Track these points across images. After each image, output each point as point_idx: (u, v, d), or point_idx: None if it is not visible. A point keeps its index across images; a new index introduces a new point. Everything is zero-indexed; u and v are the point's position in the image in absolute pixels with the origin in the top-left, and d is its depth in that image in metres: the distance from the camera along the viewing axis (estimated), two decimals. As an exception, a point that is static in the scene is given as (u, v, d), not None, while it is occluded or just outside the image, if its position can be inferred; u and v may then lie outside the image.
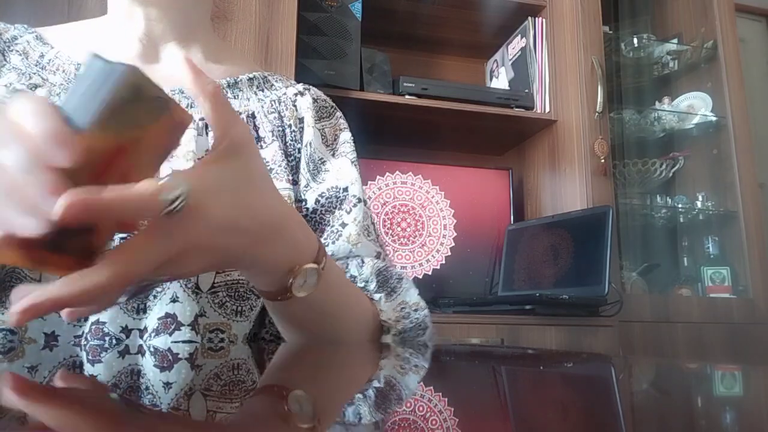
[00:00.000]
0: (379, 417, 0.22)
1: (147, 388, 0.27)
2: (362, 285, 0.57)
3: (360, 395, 0.26)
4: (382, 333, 0.55)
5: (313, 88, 0.71)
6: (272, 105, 0.65)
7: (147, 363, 0.37)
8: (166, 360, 0.39)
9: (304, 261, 0.43)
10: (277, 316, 0.51)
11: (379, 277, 0.58)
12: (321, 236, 0.60)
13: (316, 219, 0.61)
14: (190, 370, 0.35)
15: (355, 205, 0.61)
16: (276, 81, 0.69)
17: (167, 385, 0.29)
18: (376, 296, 0.56)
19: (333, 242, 0.59)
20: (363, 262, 0.58)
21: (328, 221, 0.61)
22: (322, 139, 0.66)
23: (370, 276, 0.57)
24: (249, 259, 0.40)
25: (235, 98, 0.64)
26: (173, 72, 0.62)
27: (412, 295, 0.59)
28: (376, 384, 0.30)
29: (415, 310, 0.58)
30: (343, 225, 0.60)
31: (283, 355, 0.47)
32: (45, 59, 0.59)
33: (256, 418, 0.22)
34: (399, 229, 1.72)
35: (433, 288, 1.69)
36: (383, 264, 0.60)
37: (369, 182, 1.72)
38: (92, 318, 0.49)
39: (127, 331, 0.51)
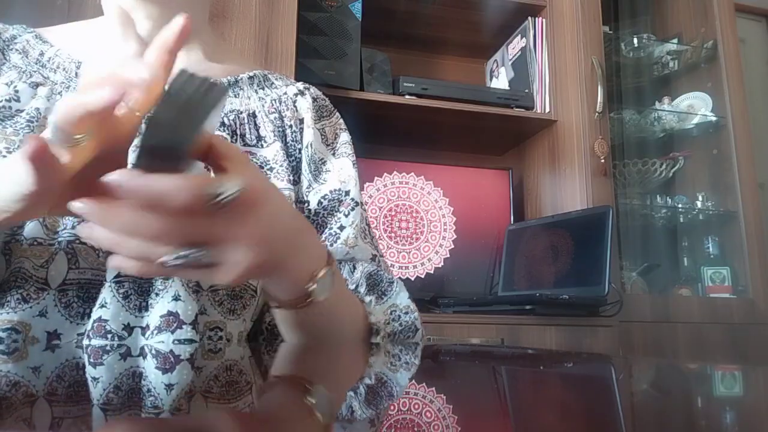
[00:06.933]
0: (376, 412, 0.22)
1: (149, 391, 0.27)
2: (353, 287, 0.59)
3: (353, 391, 0.26)
4: (371, 334, 0.57)
5: (313, 87, 0.72)
6: (273, 104, 0.66)
7: (149, 365, 0.37)
8: (168, 362, 0.39)
9: (320, 267, 0.46)
10: (287, 324, 0.52)
11: (369, 281, 0.60)
12: (320, 237, 0.61)
13: (318, 221, 0.63)
14: (191, 371, 0.35)
15: (353, 209, 0.63)
16: (276, 79, 0.70)
17: (169, 387, 0.29)
18: (367, 299, 0.58)
19: (331, 244, 0.61)
20: (354, 267, 0.61)
21: (328, 223, 0.63)
22: (322, 139, 0.67)
23: (360, 279, 0.60)
24: (281, 266, 0.43)
25: (236, 97, 0.65)
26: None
27: (403, 299, 0.61)
28: (367, 381, 0.30)
29: (406, 313, 0.60)
30: (342, 228, 0.62)
31: (285, 355, 0.47)
32: (45, 57, 0.60)
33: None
34: (399, 229, 1.72)
35: (433, 288, 1.68)
36: (374, 268, 0.62)
37: (369, 182, 1.72)
38: (94, 315, 0.50)
39: (129, 328, 0.51)
